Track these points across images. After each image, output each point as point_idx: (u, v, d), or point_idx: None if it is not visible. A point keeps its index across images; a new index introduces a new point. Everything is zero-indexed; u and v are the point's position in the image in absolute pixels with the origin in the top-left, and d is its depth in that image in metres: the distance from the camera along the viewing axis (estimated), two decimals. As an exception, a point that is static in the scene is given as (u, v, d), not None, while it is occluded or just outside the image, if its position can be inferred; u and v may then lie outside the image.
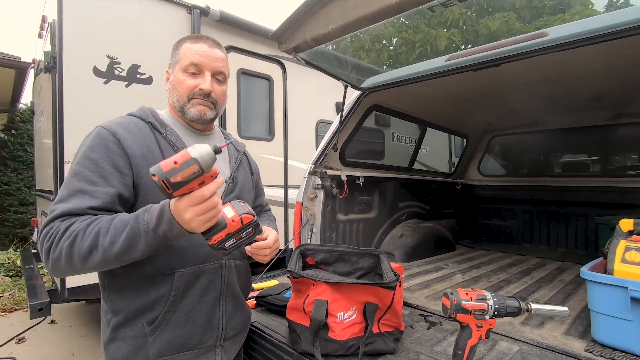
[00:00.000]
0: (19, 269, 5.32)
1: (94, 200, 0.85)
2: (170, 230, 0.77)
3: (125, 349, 0.93)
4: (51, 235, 0.81)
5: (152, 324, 0.93)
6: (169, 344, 0.94)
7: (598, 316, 1.18)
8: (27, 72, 4.94)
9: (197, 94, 1.02)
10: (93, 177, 0.87)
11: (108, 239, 0.78)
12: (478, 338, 0.82)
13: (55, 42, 2.57)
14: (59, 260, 0.80)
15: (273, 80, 3.99)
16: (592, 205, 2.83)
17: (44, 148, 3.53)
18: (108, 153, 0.89)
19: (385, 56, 9.24)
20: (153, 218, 0.77)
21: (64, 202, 0.85)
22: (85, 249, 0.78)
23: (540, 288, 1.91)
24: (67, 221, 0.82)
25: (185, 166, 0.69)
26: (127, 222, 0.79)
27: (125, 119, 0.99)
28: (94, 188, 0.86)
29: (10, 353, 3.13)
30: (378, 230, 2.57)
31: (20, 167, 6.54)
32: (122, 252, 0.78)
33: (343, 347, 1.06)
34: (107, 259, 0.79)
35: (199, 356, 0.99)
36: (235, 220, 0.80)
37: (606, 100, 2.47)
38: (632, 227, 1.22)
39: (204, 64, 1.01)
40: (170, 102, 1.06)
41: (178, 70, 1.02)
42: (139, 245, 0.78)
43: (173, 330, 0.95)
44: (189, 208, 0.73)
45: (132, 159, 0.91)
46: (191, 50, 1.01)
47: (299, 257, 1.31)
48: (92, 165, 0.87)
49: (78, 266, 0.80)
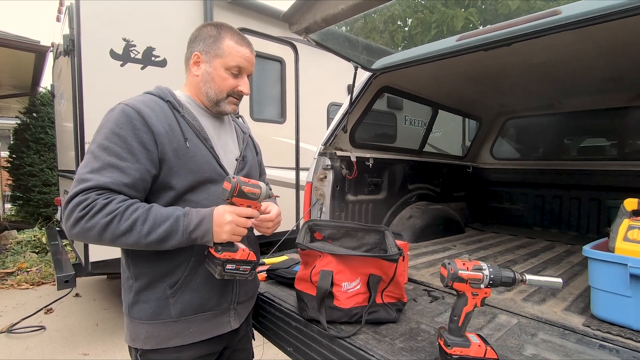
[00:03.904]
0: (44, 246, 5.61)
1: (125, 177, 0.91)
2: (201, 237, 0.93)
3: (148, 310, 1.00)
4: (87, 206, 0.86)
5: (174, 287, 1.01)
6: (189, 305, 1.02)
7: (598, 292, 1.20)
8: (47, 56, 5.05)
9: (236, 94, 1.13)
10: (122, 153, 0.92)
11: (147, 227, 0.88)
12: (473, 306, 0.87)
13: (73, 25, 2.64)
14: (89, 230, 0.86)
15: (285, 63, 3.99)
16: (606, 189, 2.79)
17: (64, 130, 3.66)
18: (135, 130, 0.94)
19: (400, 37, 9.03)
20: (192, 223, 0.92)
21: (97, 174, 0.89)
22: (121, 230, 0.86)
23: (546, 269, 1.93)
24: (104, 196, 0.88)
25: (254, 187, 0.96)
26: (166, 218, 0.91)
27: (146, 97, 1.03)
28: (124, 164, 0.91)
29: (40, 322, 3.36)
30: (387, 211, 2.61)
31: (43, 149, 6.78)
32: (154, 242, 0.90)
33: (347, 315, 1.13)
34: (137, 243, 0.89)
35: (215, 317, 1.08)
36: (245, 252, 0.97)
37: (625, 81, 2.40)
38: (637, 207, 1.23)
39: (246, 68, 1.11)
40: (204, 91, 1.10)
41: (220, 65, 1.08)
42: (172, 241, 0.91)
43: (192, 292, 1.03)
44: (233, 216, 0.94)
45: (156, 136, 0.96)
46: (238, 52, 1.09)
47: (307, 231, 1.37)
48: (120, 142, 0.92)
49: (105, 241, 0.88)
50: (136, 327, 1.01)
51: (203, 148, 1.06)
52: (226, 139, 1.20)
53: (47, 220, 6.72)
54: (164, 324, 1.01)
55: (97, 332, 3.21)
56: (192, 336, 1.03)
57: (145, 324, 1.00)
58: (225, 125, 1.22)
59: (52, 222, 6.51)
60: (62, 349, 2.92)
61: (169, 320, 1.01)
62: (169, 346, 1.01)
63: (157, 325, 1.00)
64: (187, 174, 1.01)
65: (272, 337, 1.36)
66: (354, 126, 2.30)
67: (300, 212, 3.91)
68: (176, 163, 0.99)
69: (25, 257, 5.25)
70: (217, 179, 1.07)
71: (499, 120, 3.58)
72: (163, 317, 1.00)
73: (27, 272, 4.74)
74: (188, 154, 1.01)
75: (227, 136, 1.21)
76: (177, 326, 1.02)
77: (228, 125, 1.24)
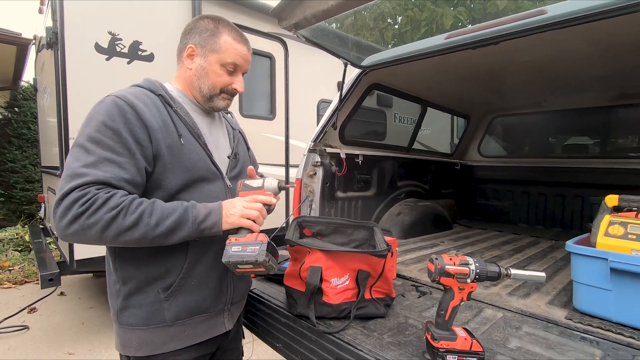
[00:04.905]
0: (27, 244, 5.48)
1: (124, 172, 0.86)
2: (209, 227, 0.92)
3: (140, 315, 0.96)
4: (87, 201, 0.79)
5: (168, 290, 0.97)
6: (184, 308, 0.99)
7: (580, 286, 1.24)
8: (29, 49, 4.92)
9: (229, 91, 1.10)
10: (117, 148, 0.86)
11: (154, 220, 0.85)
12: (460, 300, 0.88)
13: (56, 17, 2.57)
14: (90, 227, 0.80)
15: (274, 59, 3.97)
16: (590, 187, 2.86)
17: (48, 125, 3.57)
18: (128, 125, 0.88)
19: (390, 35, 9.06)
20: (200, 214, 0.91)
21: (94, 168, 0.83)
22: (126, 224, 0.82)
23: (531, 264, 1.97)
24: (104, 190, 0.82)
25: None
26: (173, 209, 0.88)
27: (136, 90, 0.98)
28: (121, 159, 0.86)
29: (23, 321, 3.28)
30: (376, 208, 2.62)
31: (25, 145, 6.60)
32: (162, 234, 0.86)
33: (336, 310, 1.14)
34: (143, 237, 0.85)
35: (210, 319, 1.06)
36: (258, 238, 0.92)
37: (609, 81, 2.45)
38: (617, 203, 1.26)
39: (242, 66, 1.09)
40: (197, 85, 1.06)
41: (215, 61, 1.04)
42: (181, 232, 0.89)
43: (188, 295, 0.99)
44: (242, 201, 0.95)
45: (151, 132, 0.92)
46: (235, 50, 1.05)
47: (297, 228, 1.37)
48: (114, 135, 0.86)
49: (107, 238, 0.82)
50: (127, 333, 0.97)
51: (197, 145, 1.02)
52: (218, 135, 1.17)
53: (30, 217, 6.56)
54: (158, 328, 0.97)
55: (82, 330, 3.15)
56: (187, 339, 1.01)
57: (138, 330, 0.96)
58: (216, 122, 1.19)
59: (35, 220, 6.36)
60: (46, 348, 2.86)
61: (162, 324, 0.97)
62: (163, 352, 0.98)
63: (150, 331, 0.96)
64: (180, 172, 0.97)
65: (262, 333, 1.36)
66: (344, 123, 2.30)
67: (290, 209, 3.90)
68: (170, 160, 0.95)
69: (7, 256, 5.12)
70: (210, 178, 1.04)
71: (487, 118, 3.63)
72: (156, 322, 0.97)
73: (9, 271, 4.62)
74: (182, 151, 0.97)
75: (219, 132, 1.18)
76: (172, 330, 0.98)
77: (219, 121, 1.21)
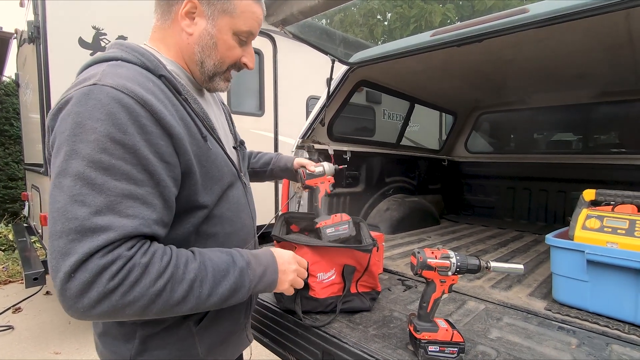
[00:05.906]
0: (11, 243, 5.37)
1: (149, 210, 0.62)
2: (263, 289, 0.81)
3: (166, 356, 0.77)
4: (120, 271, 0.57)
5: (200, 322, 0.81)
6: (217, 337, 0.86)
7: (558, 278, 1.28)
8: (10, 43, 4.79)
9: (237, 66, 0.87)
10: (135, 173, 0.61)
11: (206, 289, 0.66)
12: (441, 292, 0.90)
13: (38, 11, 2.51)
14: (127, 306, 0.58)
15: (263, 55, 3.95)
16: (572, 182, 2.93)
17: (31, 122, 3.49)
18: (145, 135, 0.62)
19: (380, 32, 9.10)
20: (256, 275, 0.76)
21: (114, 215, 0.58)
22: (175, 299, 0.62)
23: (515, 257, 2.02)
24: (141, 250, 0.60)
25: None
26: (225, 271, 0.70)
27: (132, 73, 0.68)
28: (142, 190, 0.61)
29: (8, 322, 3.23)
30: (364, 204, 2.65)
31: (7, 142, 6.44)
32: (214, 305, 0.69)
33: (322, 305, 1.15)
34: (190, 310, 0.66)
35: (237, 337, 0.96)
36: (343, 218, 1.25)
37: (590, 79, 2.52)
38: (594, 197, 1.31)
39: (255, 35, 0.86)
40: (199, 59, 0.81)
41: (228, 27, 0.79)
42: (234, 299, 0.72)
43: (222, 322, 0.87)
44: (297, 265, 0.91)
45: (175, 141, 0.67)
46: (253, 14, 0.82)
47: (284, 223, 1.38)
48: (128, 155, 0.60)
49: (147, 316, 0.62)
50: None
51: (216, 144, 0.81)
52: (222, 122, 0.96)
53: (13, 216, 6.42)
54: None
55: (69, 330, 3.12)
56: None
57: None
58: (210, 100, 0.95)
59: (19, 218, 6.23)
60: (32, 348, 2.82)
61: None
62: None
63: None
64: (213, 186, 0.78)
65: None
66: (332, 119, 2.32)
67: (279, 205, 3.91)
68: (201, 175, 0.74)
69: (-10, 255, 5.01)
70: (233, 182, 0.87)
71: (474, 115, 3.68)
72: (188, 359, 0.81)
73: (-8, 271, 4.53)
74: (210, 159, 0.77)
75: (222, 118, 0.98)
76: None
77: (214, 101, 0.98)
